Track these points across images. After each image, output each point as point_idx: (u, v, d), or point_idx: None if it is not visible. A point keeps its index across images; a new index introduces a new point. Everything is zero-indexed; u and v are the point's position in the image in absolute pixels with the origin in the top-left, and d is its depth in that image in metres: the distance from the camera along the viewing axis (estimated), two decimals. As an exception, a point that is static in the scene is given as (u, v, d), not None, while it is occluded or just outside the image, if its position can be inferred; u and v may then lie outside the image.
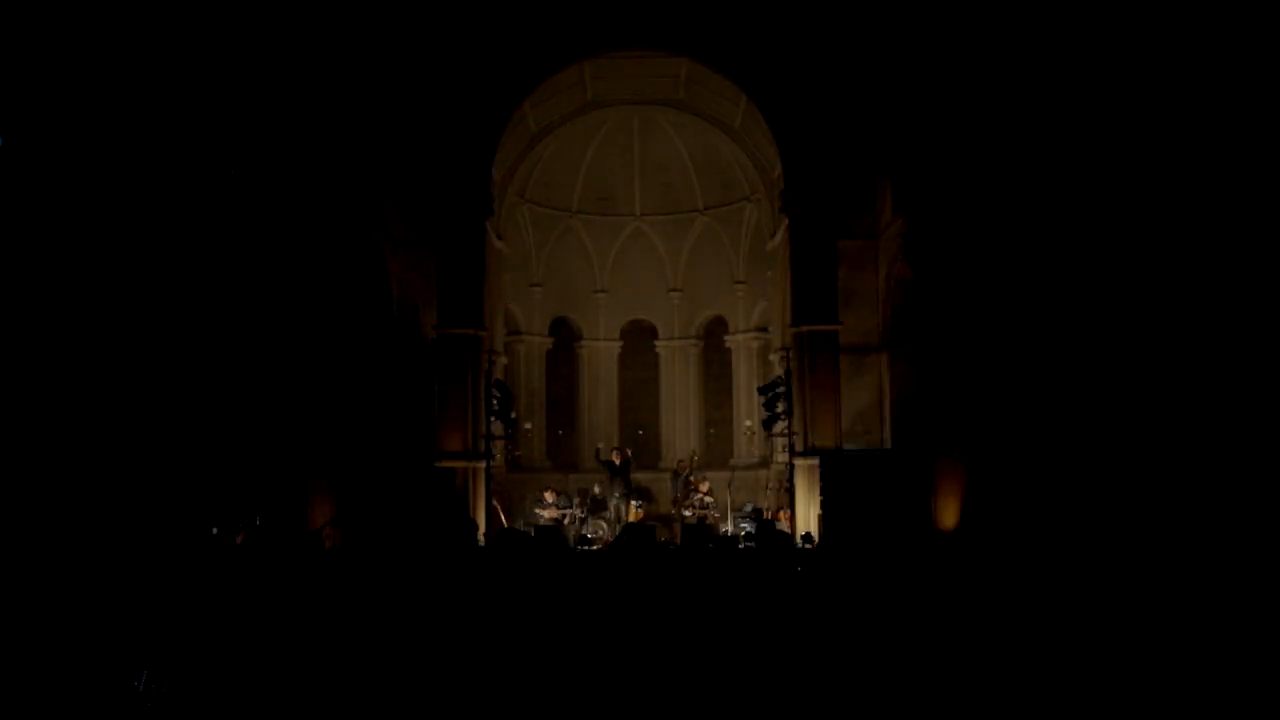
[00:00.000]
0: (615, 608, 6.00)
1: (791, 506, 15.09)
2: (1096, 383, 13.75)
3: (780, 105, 15.25)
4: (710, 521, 16.58)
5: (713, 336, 22.47)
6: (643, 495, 17.49)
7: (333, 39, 14.93)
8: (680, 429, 22.09)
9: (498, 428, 15.85)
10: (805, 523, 14.58)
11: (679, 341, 22.46)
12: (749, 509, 17.26)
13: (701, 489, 17.07)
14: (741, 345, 21.99)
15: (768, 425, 16.19)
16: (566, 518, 16.65)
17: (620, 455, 17.32)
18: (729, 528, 16.63)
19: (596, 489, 17.83)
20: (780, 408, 15.42)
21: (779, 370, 16.89)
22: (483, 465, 14.95)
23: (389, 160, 15.89)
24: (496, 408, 15.47)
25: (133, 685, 5.31)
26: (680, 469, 18.55)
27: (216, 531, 11.57)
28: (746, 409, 21.05)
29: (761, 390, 16.86)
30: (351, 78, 14.89)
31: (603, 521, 16.82)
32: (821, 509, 14.12)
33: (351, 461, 14.53)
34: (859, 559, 11.43)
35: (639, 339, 22.70)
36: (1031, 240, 15.28)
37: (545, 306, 22.06)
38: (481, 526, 14.44)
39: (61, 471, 12.56)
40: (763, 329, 21.40)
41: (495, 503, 15.46)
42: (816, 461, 14.43)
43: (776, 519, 15.77)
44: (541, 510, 16.64)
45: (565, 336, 22.42)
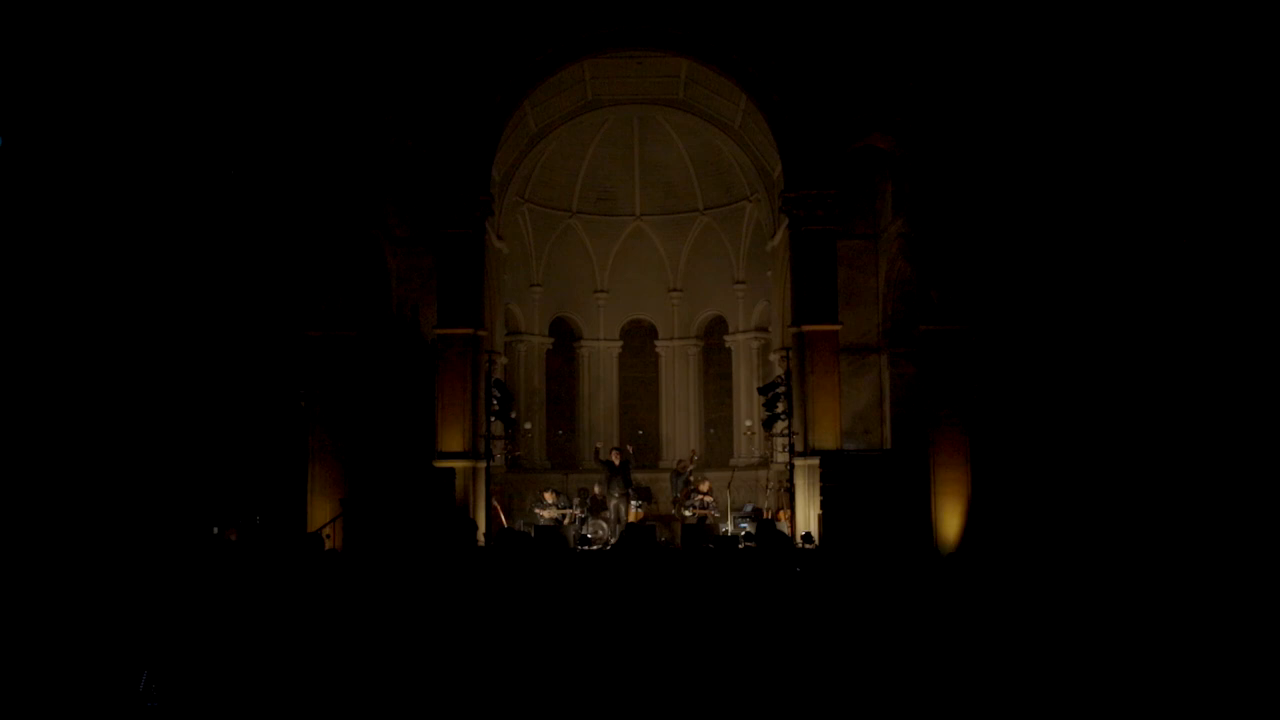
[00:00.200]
0: (620, 608, 6.00)
1: (791, 506, 15.09)
2: (1096, 383, 13.76)
3: (780, 104, 15.24)
4: (710, 521, 16.58)
5: (713, 336, 22.46)
6: (643, 495, 17.47)
7: (332, 39, 14.93)
8: (680, 429, 22.09)
9: (498, 428, 15.85)
10: (805, 523, 14.58)
11: (679, 341, 22.45)
12: (749, 509, 17.26)
13: (702, 489, 17.06)
14: (741, 345, 21.98)
15: (768, 425, 16.19)
16: (566, 518, 16.65)
17: (620, 455, 17.31)
18: (729, 528, 16.63)
19: (596, 489, 17.81)
20: (780, 408, 15.42)
21: (779, 370, 16.89)
22: (483, 465, 14.95)
23: (389, 160, 15.90)
24: (496, 408, 15.47)
25: (133, 683, 5.31)
26: (681, 468, 18.52)
27: (216, 531, 11.57)
28: (746, 409, 21.04)
29: (761, 390, 16.86)
30: (351, 78, 14.89)
31: (603, 521, 16.81)
32: (821, 509, 14.12)
33: (352, 461, 14.53)
34: (859, 559, 11.44)
35: (639, 339, 22.69)
36: (1032, 241, 15.31)
37: (545, 306, 22.05)
38: (481, 526, 14.44)
39: (62, 471, 12.57)
40: (763, 329, 21.40)
41: (495, 503, 15.46)
42: (816, 461, 14.43)
43: (776, 519, 15.76)
44: (541, 510, 16.63)
45: (565, 336, 22.41)
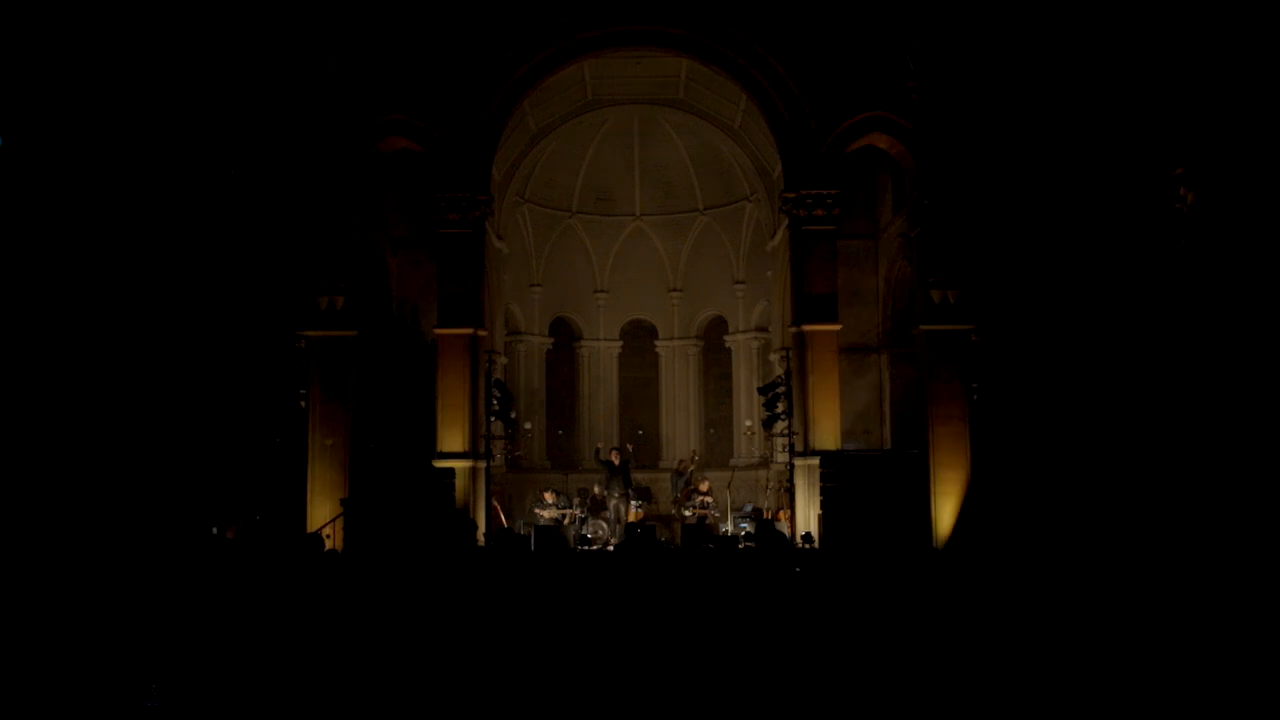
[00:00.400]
0: (622, 608, 5.99)
1: (791, 506, 15.09)
2: (1095, 383, 13.76)
3: (779, 104, 15.22)
4: (710, 521, 16.58)
5: (713, 336, 22.46)
6: (643, 495, 17.47)
7: (332, 39, 14.92)
8: (680, 429, 22.09)
9: (498, 428, 15.84)
10: (805, 523, 14.57)
11: (679, 341, 22.45)
12: (749, 509, 17.25)
13: (702, 489, 17.08)
14: (741, 345, 21.98)
15: (768, 425, 16.18)
16: (566, 518, 16.65)
17: (620, 455, 17.31)
18: (729, 528, 16.62)
19: (596, 489, 17.81)
20: (780, 408, 15.41)
21: (779, 370, 16.89)
22: (483, 465, 14.94)
23: (389, 160, 15.89)
24: (496, 408, 15.46)
25: (132, 684, 5.31)
26: (682, 468, 18.55)
27: (216, 531, 11.57)
28: (746, 409, 21.04)
29: (761, 390, 16.85)
30: (351, 77, 14.88)
31: (602, 521, 16.81)
32: (821, 509, 14.11)
33: (352, 461, 14.52)
34: (859, 559, 11.44)
35: (639, 339, 22.69)
36: (1032, 240, 15.31)
37: (545, 306, 22.05)
38: (481, 526, 14.43)
39: (62, 471, 12.57)
40: (763, 329, 21.40)
41: (495, 503, 15.45)
42: (816, 461, 14.42)
43: (776, 519, 15.76)
44: (541, 510, 16.63)
45: (565, 336, 22.41)
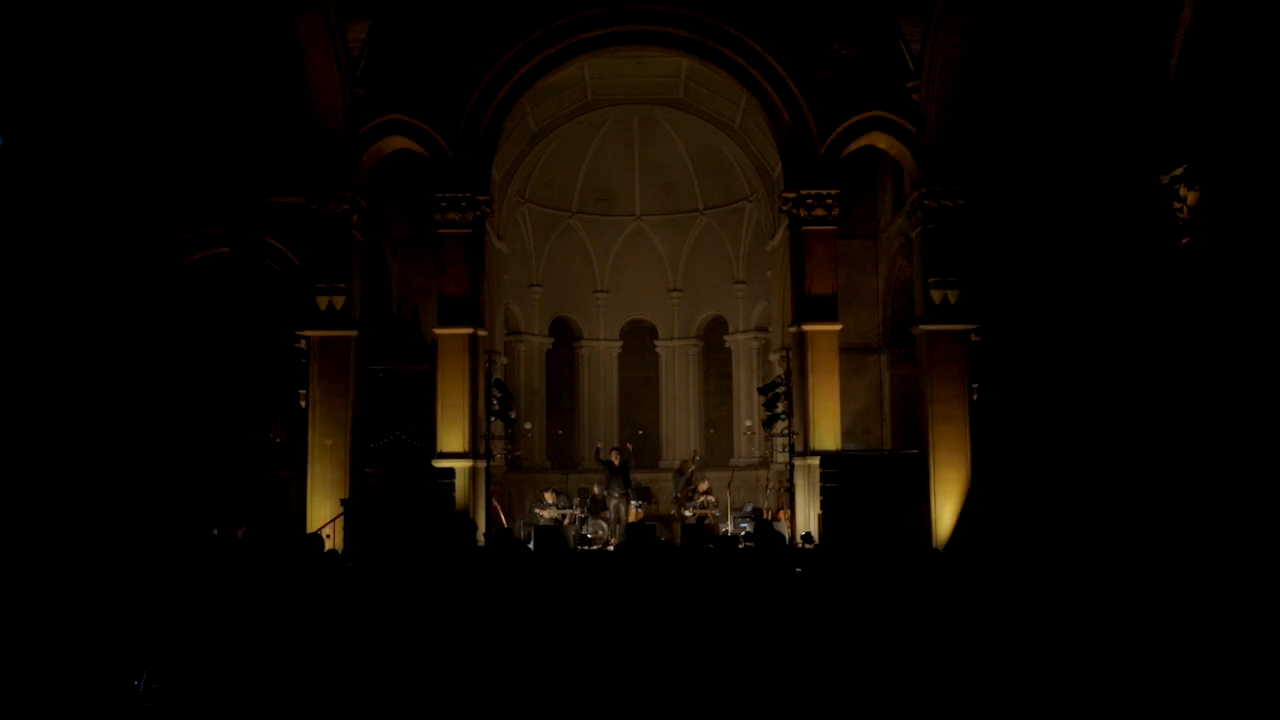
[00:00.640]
0: (625, 609, 6.00)
1: (791, 506, 15.09)
2: (1095, 383, 13.76)
3: (779, 104, 15.21)
4: (710, 521, 16.60)
5: (713, 336, 22.47)
6: (643, 495, 17.49)
7: (331, 38, 14.92)
8: (680, 429, 22.10)
9: (498, 428, 15.85)
10: (805, 523, 14.58)
11: (679, 341, 22.46)
12: (749, 509, 17.27)
13: (702, 489, 17.10)
14: (741, 345, 21.99)
15: (768, 425, 16.19)
16: (566, 518, 16.66)
17: (620, 455, 17.32)
18: (729, 528, 16.63)
19: (596, 489, 17.83)
20: (780, 408, 15.42)
21: (779, 370, 16.88)
22: (483, 465, 14.95)
23: (389, 160, 15.88)
24: (496, 408, 15.47)
25: (132, 685, 5.31)
26: (684, 468, 18.61)
27: (217, 532, 11.57)
28: (746, 409, 21.05)
29: (761, 390, 16.86)
30: (350, 77, 14.87)
31: (603, 521, 16.82)
32: (821, 509, 14.12)
33: (352, 461, 14.52)
34: (859, 559, 11.43)
35: (639, 339, 22.71)
36: (1031, 240, 15.32)
37: (545, 306, 22.07)
38: (481, 526, 14.43)
39: (62, 472, 12.58)
40: (763, 329, 21.41)
41: (495, 503, 15.46)
42: (816, 461, 14.42)
43: (776, 519, 15.77)
44: (541, 510, 16.64)
45: (565, 336, 22.42)
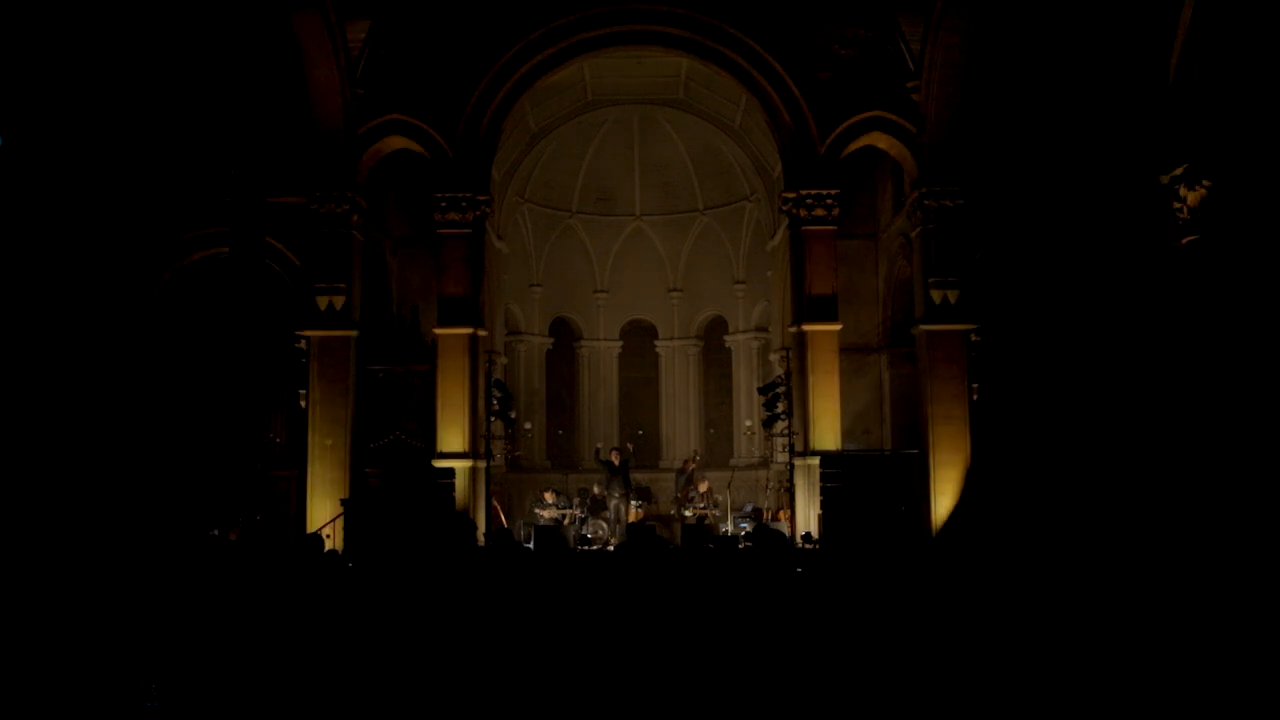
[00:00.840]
0: (626, 609, 5.99)
1: (791, 506, 15.09)
2: (1095, 384, 13.76)
3: (779, 104, 15.21)
4: (710, 521, 16.60)
5: (713, 336, 22.47)
6: (642, 495, 17.50)
7: (330, 38, 14.91)
8: (680, 429, 22.10)
9: (498, 428, 15.84)
10: (805, 523, 14.58)
11: (679, 341, 22.46)
12: (749, 509, 17.27)
13: (702, 489, 17.11)
14: (741, 345, 21.99)
15: (768, 425, 16.19)
16: (566, 518, 16.65)
17: (620, 455, 17.32)
18: (729, 528, 16.63)
19: (596, 489, 17.83)
20: (780, 408, 15.42)
21: (779, 370, 16.88)
22: (483, 465, 14.94)
23: (389, 160, 15.88)
24: (496, 408, 15.47)
25: (132, 685, 5.31)
26: (686, 467, 18.65)
27: (216, 533, 11.57)
28: (746, 409, 21.05)
29: (761, 390, 16.86)
30: (350, 77, 14.87)
31: (603, 521, 16.82)
32: (821, 509, 14.12)
33: (352, 461, 14.52)
34: (858, 559, 11.43)
35: (639, 339, 22.70)
36: (1031, 239, 15.32)
37: (545, 306, 22.07)
38: (481, 526, 14.43)
39: (61, 472, 12.57)
40: (763, 329, 21.40)
41: (495, 503, 15.46)
42: (816, 461, 14.42)
43: (776, 519, 15.77)
44: (541, 510, 16.63)
45: (565, 336, 22.42)
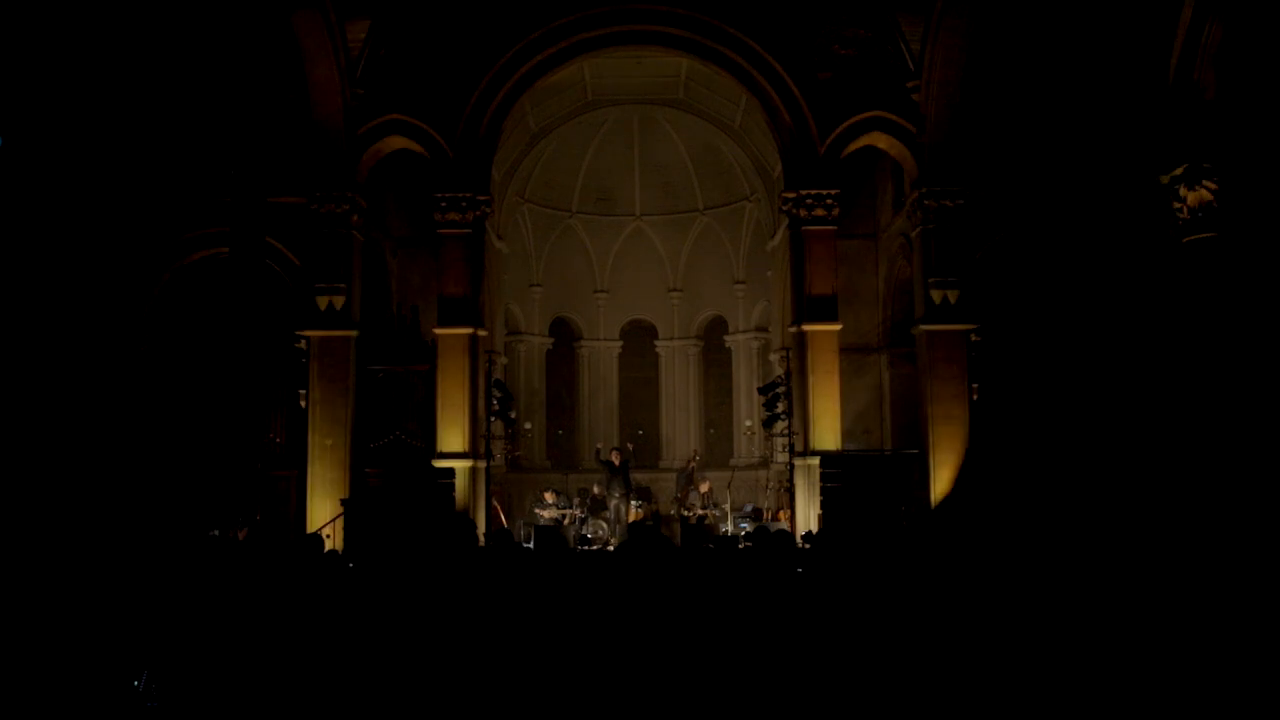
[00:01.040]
0: (625, 608, 5.99)
1: (791, 506, 15.10)
2: (1095, 385, 13.77)
3: (779, 104, 15.20)
4: (710, 521, 16.60)
5: (713, 336, 22.48)
6: (643, 495, 17.50)
7: (329, 38, 14.92)
8: (680, 429, 22.11)
9: (498, 428, 15.84)
10: (805, 523, 14.58)
11: (679, 341, 22.47)
12: (749, 509, 17.27)
13: (703, 489, 17.12)
14: (741, 345, 21.99)
15: (768, 425, 16.19)
16: (566, 518, 16.64)
17: (620, 455, 17.32)
18: (729, 528, 16.64)
19: (596, 489, 17.83)
20: (780, 408, 15.42)
21: (779, 370, 16.89)
22: (483, 465, 14.94)
23: (389, 160, 15.88)
24: (496, 408, 15.47)
25: (132, 685, 5.31)
26: (687, 467, 18.68)
27: (217, 533, 11.57)
28: (746, 409, 21.06)
29: (761, 390, 16.86)
30: (349, 77, 14.87)
31: (603, 521, 16.82)
32: (821, 509, 14.12)
33: (352, 461, 14.53)
34: (858, 559, 11.41)
35: (639, 339, 22.71)
36: (1035, 242, 15.33)
37: (545, 306, 22.07)
38: (481, 526, 14.43)
39: (61, 472, 12.57)
40: (763, 329, 21.41)
41: (495, 503, 15.46)
42: (816, 461, 14.43)
43: (776, 519, 15.77)
44: (541, 510, 16.63)
45: (565, 336, 22.43)
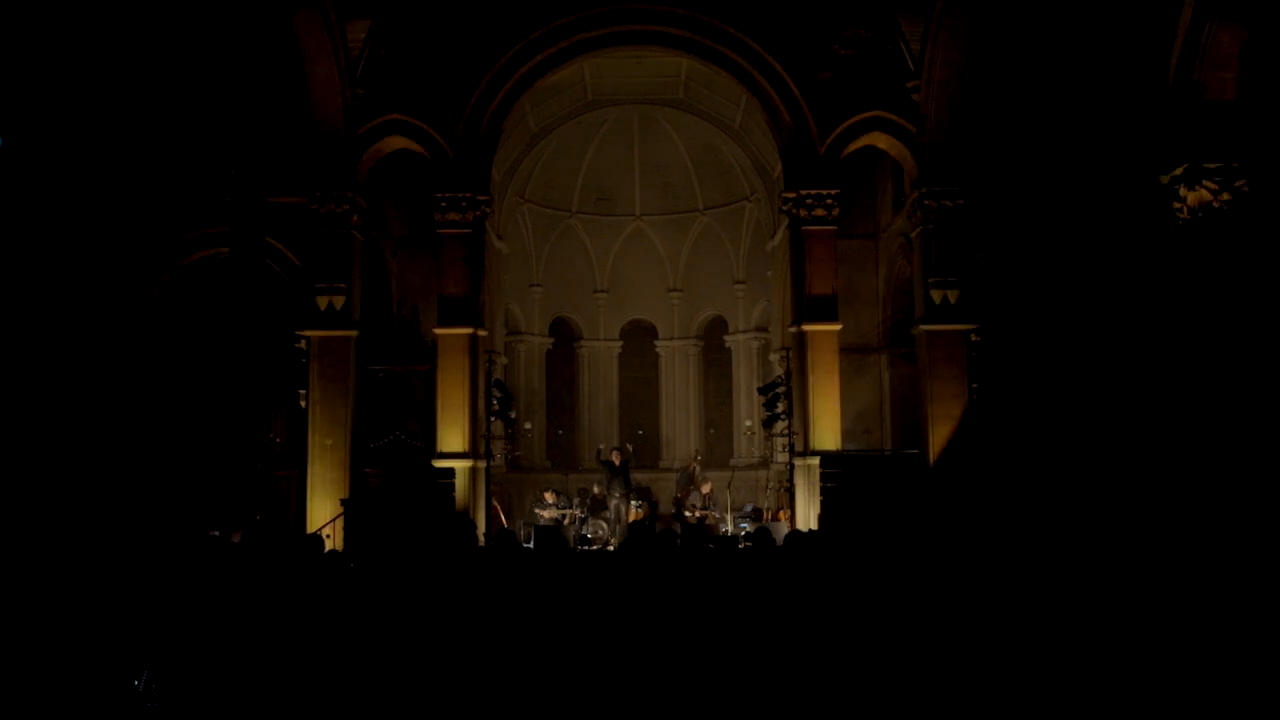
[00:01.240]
0: (625, 607, 5.99)
1: (791, 506, 15.10)
2: (1097, 381, 13.77)
3: (779, 104, 15.20)
4: (710, 522, 16.60)
5: (713, 336, 22.48)
6: (643, 495, 17.50)
7: (329, 38, 14.92)
8: (680, 429, 22.11)
9: (498, 428, 15.84)
10: (805, 523, 14.58)
11: (679, 341, 22.47)
12: (749, 509, 17.28)
13: (705, 490, 17.13)
14: (741, 345, 21.99)
15: (768, 425, 16.19)
16: (566, 518, 16.64)
17: (620, 455, 17.32)
18: (729, 528, 16.64)
19: (596, 489, 17.83)
20: (780, 408, 15.42)
21: (779, 370, 16.89)
22: (483, 465, 14.94)
23: (389, 160, 15.88)
24: (496, 408, 15.47)
25: (132, 685, 5.31)
26: (688, 467, 18.68)
27: (217, 534, 11.56)
28: (746, 409, 21.06)
29: (761, 390, 16.86)
30: (349, 77, 14.86)
31: (603, 521, 16.82)
32: (821, 509, 14.12)
33: (352, 461, 14.52)
34: (858, 559, 11.42)
35: (639, 339, 22.71)
36: (1035, 242, 15.33)
37: (545, 306, 22.07)
38: (481, 526, 14.43)
39: (62, 472, 12.58)
40: (763, 329, 21.41)
41: (495, 503, 15.46)
42: (816, 461, 14.42)
43: (776, 519, 15.77)
44: (541, 510, 16.63)
45: (565, 336, 22.44)
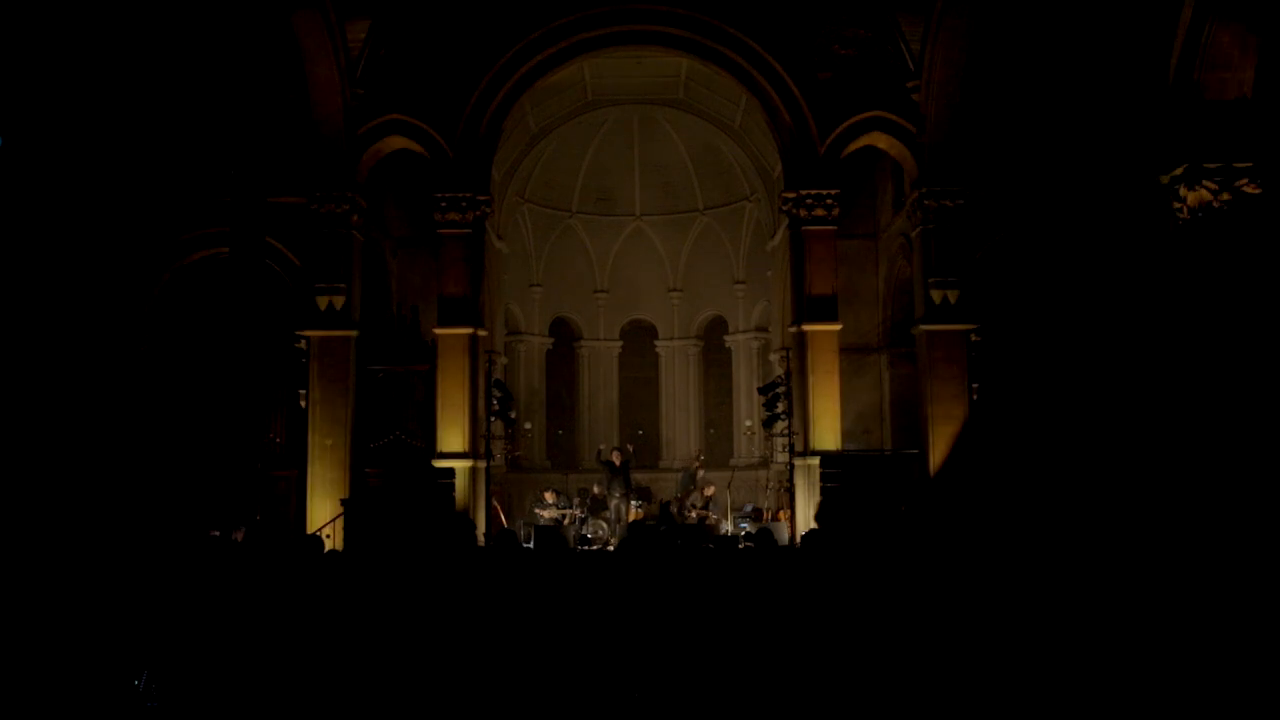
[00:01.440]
0: (625, 607, 5.99)
1: (791, 506, 15.09)
2: (1097, 381, 13.78)
3: (779, 104, 15.20)
4: (710, 522, 16.60)
5: (713, 336, 22.48)
6: (643, 495, 17.49)
7: (329, 38, 14.91)
8: (680, 429, 22.11)
9: (498, 428, 15.84)
10: (805, 523, 14.58)
11: (679, 341, 22.47)
12: (749, 509, 17.27)
13: (707, 492, 17.12)
14: (741, 345, 21.99)
15: (768, 425, 16.19)
16: (566, 518, 16.64)
17: (620, 455, 17.31)
18: (729, 528, 16.63)
19: (596, 489, 17.82)
20: (780, 408, 15.42)
21: (779, 370, 16.89)
22: (483, 465, 14.94)
23: (389, 160, 15.88)
24: (496, 408, 15.47)
25: (132, 685, 5.31)
26: (690, 467, 18.68)
27: (217, 534, 11.56)
28: (746, 409, 21.06)
29: (761, 390, 16.86)
30: (349, 77, 14.86)
31: (603, 521, 16.81)
32: (821, 509, 14.11)
33: (352, 461, 14.52)
34: (858, 559, 11.42)
35: (639, 339, 22.72)
36: (1035, 242, 15.34)
37: (545, 306, 22.08)
38: (481, 526, 14.43)
39: (62, 472, 12.58)
40: (763, 329, 21.41)
41: (495, 503, 15.45)
42: (816, 461, 14.42)
43: (776, 519, 15.77)
44: (541, 510, 16.62)
45: (565, 336, 22.44)
